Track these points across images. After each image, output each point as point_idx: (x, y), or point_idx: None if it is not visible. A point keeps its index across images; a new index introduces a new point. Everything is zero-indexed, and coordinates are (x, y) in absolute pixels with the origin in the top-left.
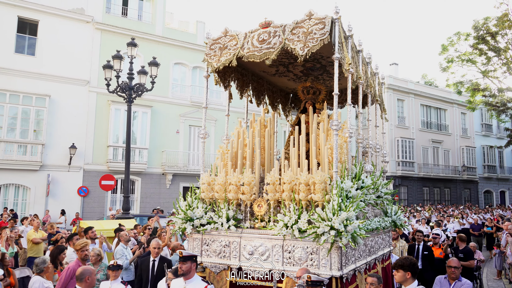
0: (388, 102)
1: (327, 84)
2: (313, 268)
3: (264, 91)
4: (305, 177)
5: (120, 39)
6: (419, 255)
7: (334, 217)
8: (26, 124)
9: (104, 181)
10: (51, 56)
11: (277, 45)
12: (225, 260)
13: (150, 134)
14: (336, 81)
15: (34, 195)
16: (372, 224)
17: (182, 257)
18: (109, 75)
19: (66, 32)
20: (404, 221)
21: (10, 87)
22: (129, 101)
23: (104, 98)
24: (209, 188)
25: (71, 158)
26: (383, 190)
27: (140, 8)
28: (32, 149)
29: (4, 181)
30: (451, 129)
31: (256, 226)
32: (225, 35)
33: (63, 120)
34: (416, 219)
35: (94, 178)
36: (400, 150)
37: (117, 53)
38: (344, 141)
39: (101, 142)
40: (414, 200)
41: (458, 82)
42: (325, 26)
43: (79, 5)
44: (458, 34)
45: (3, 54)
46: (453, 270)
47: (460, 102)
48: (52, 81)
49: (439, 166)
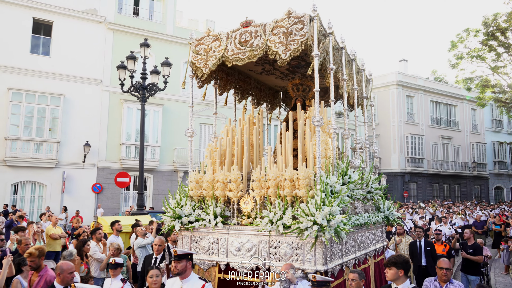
0: (397, 98)
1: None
2: (298, 263)
3: (251, 90)
4: (289, 173)
5: (131, 38)
6: (421, 251)
7: (317, 212)
8: (41, 123)
9: (120, 178)
10: (65, 56)
11: (259, 47)
12: (213, 256)
13: (162, 132)
14: (316, 78)
15: (50, 192)
16: (361, 219)
17: (177, 256)
18: (123, 75)
19: (79, 32)
20: (398, 217)
21: (26, 87)
22: (142, 100)
23: (116, 97)
24: (197, 186)
25: (85, 156)
26: (373, 185)
27: (151, 8)
28: (48, 147)
29: (21, 178)
30: (461, 125)
31: (243, 222)
32: (208, 35)
33: (77, 119)
34: (419, 216)
35: (108, 175)
36: (409, 146)
37: (131, 54)
38: (329, 137)
39: (114, 140)
40: (424, 196)
41: (468, 78)
42: (304, 26)
43: (92, 6)
44: (468, 31)
45: (19, 55)
46: (444, 272)
47: (470, 98)
48: (66, 80)
49: (449, 162)
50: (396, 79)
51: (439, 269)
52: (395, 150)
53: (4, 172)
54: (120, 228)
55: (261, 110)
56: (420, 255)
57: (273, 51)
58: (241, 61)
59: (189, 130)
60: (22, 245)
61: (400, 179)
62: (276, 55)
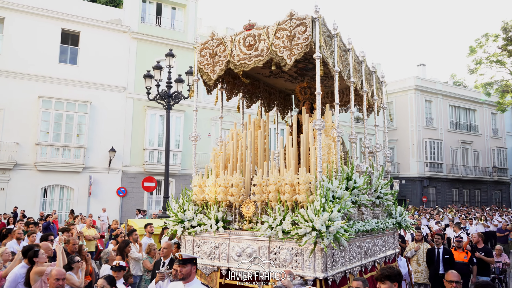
0: (416, 103)
1: (325, 84)
2: (297, 269)
3: (260, 93)
4: (290, 178)
5: (154, 47)
6: (439, 259)
7: (316, 218)
8: (69, 129)
9: (146, 183)
10: (92, 65)
11: (265, 52)
12: (214, 261)
13: (184, 138)
14: (318, 80)
15: (77, 195)
16: (367, 225)
17: (182, 260)
18: (149, 84)
19: (105, 42)
20: (410, 223)
21: (55, 95)
22: (168, 108)
23: (140, 104)
24: (200, 190)
25: (110, 161)
26: (383, 190)
27: (173, 17)
28: (75, 152)
29: (50, 182)
30: (481, 129)
31: (244, 227)
32: (212, 39)
33: (103, 125)
34: (435, 221)
35: (132, 179)
36: (428, 151)
37: (157, 64)
38: (333, 141)
39: (138, 145)
40: (443, 201)
41: (487, 83)
42: (307, 29)
43: (116, 16)
44: (487, 36)
45: (48, 64)
46: (454, 285)
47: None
48: (93, 88)
49: (469, 167)
50: (415, 83)
51: (448, 283)
52: (414, 155)
53: (35, 176)
54: (152, 230)
55: (268, 114)
56: (438, 263)
57: (278, 56)
58: (247, 67)
59: (193, 134)
60: (70, 244)
61: (419, 184)
62: (281, 60)
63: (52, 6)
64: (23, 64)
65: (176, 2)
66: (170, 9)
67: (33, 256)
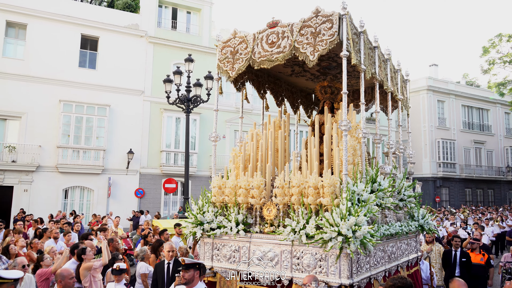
0: (428, 103)
1: (349, 83)
2: (322, 275)
3: (282, 92)
4: (313, 180)
5: (170, 51)
6: (456, 262)
7: (342, 222)
8: (89, 132)
9: (167, 184)
10: (110, 69)
11: (287, 49)
12: (234, 265)
13: (199, 139)
14: (344, 79)
15: (97, 197)
16: (391, 229)
17: (185, 265)
18: (169, 88)
19: (122, 46)
20: (433, 225)
21: (75, 99)
22: (187, 111)
23: (157, 107)
24: (220, 191)
25: (128, 163)
26: (406, 192)
27: (188, 21)
28: (95, 154)
29: (71, 183)
30: (494, 129)
31: (265, 231)
32: (234, 37)
33: (121, 128)
34: (450, 222)
35: (149, 180)
36: (441, 151)
37: (178, 69)
38: (358, 142)
39: (155, 147)
40: (456, 201)
41: (500, 83)
42: (333, 25)
43: (134, 21)
44: (500, 36)
45: (69, 69)
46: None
47: (502, 101)
48: (111, 92)
49: (482, 167)
50: (427, 84)
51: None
52: (426, 155)
53: (57, 178)
54: (181, 231)
55: (288, 114)
56: (454, 265)
57: (300, 53)
58: (268, 64)
59: (213, 134)
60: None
61: (431, 184)
62: (304, 56)
63: (72, 12)
64: (44, 69)
65: (191, 7)
66: (185, 13)
67: (82, 253)
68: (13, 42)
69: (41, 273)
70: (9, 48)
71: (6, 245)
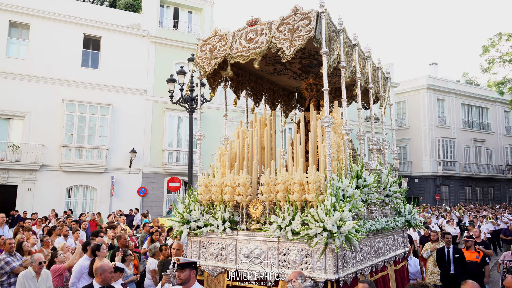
0: (428, 102)
1: (329, 81)
2: (308, 271)
3: (264, 91)
4: (298, 177)
5: (172, 50)
6: (450, 259)
7: (327, 218)
8: (92, 131)
9: (172, 183)
10: (112, 69)
11: (264, 44)
12: (222, 263)
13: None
14: (325, 76)
15: (100, 195)
16: (377, 224)
17: (180, 265)
18: (172, 87)
19: (124, 46)
20: (419, 221)
21: (78, 98)
22: (191, 111)
23: (159, 106)
24: (206, 190)
25: (131, 161)
26: (392, 188)
27: (190, 21)
28: (98, 153)
29: (74, 182)
30: (493, 127)
31: (252, 228)
32: (215, 35)
33: (124, 127)
34: (446, 220)
35: (152, 179)
36: (441, 149)
37: (181, 69)
38: (342, 138)
39: (157, 146)
40: (456, 199)
41: (500, 82)
42: (310, 22)
43: (136, 21)
44: (499, 35)
45: (71, 69)
46: None
47: (501, 100)
48: (114, 91)
49: (482, 165)
50: (427, 82)
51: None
52: (427, 154)
53: (60, 177)
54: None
55: (274, 112)
56: (448, 262)
57: (277, 47)
58: (243, 59)
59: (197, 133)
60: (122, 239)
61: (431, 182)
62: (280, 51)
63: (74, 12)
64: (47, 69)
65: (193, 6)
66: (186, 13)
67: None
68: (16, 42)
69: (55, 269)
70: (12, 48)
71: (19, 242)
